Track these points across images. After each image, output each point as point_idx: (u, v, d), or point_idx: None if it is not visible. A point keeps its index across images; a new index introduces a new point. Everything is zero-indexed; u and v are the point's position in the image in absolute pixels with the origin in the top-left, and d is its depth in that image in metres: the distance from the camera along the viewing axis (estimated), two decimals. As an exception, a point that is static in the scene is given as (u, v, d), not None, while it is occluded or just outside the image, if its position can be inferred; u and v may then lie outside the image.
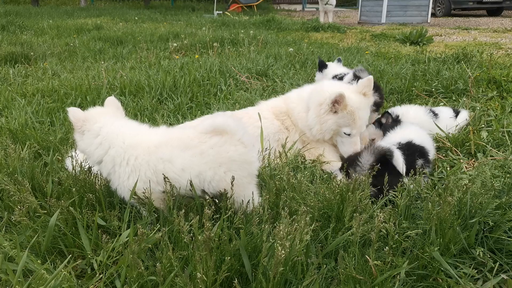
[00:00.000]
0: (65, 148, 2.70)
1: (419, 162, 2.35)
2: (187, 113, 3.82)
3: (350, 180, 2.03)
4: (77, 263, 1.78)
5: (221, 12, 16.63)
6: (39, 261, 1.67)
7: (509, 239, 1.80)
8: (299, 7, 26.07)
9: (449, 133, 3.08)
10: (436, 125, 3.07)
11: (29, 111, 3.64)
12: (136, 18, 14.38)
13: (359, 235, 1.66)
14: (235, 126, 1.89)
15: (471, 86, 4.15)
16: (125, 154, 1.92)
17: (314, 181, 2.34)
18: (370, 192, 2.03)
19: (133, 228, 1.72)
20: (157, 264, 1.51)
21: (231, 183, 1.84)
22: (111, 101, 2.16)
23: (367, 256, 1.60)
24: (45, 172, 2.41)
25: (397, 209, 1.97)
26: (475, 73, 4.56)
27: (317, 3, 15.76)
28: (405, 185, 2.08)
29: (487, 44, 7.97)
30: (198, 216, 1.69)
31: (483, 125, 3.26)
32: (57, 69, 5.74)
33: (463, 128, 3.17)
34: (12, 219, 1.88)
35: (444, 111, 3.26)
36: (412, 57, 6.15)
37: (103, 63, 6.12)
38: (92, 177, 2.18)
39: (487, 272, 1.72)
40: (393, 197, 2.00)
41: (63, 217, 1.89)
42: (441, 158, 2.83)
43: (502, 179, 2.30)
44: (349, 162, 2.35)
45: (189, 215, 1.92)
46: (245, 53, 6.47)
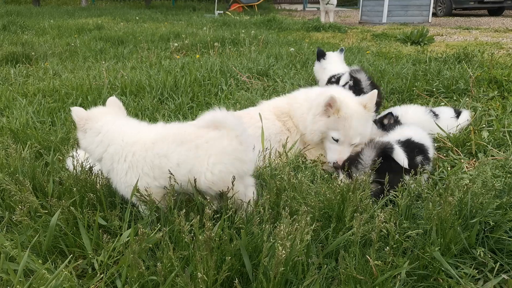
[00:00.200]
0: (66, 148, 2.71)
1: (419, 158, 2.35)
2: (188, 113, 3.82)
3: (351, 179, 2.03)
4: (78, 263, 1.78)
5: (222, 12, 16.62)
6: (40, 261, 1.67)
7: (510, 239, 1.80)
8: (300, 7, 26.05)
9: (450, 133, 3.07)
10: (436, 125, 3.07)
11: (30, 111, 3.64)
12: (137, 18, 14.38)
13: (359, 235, 1.66)
14: (234, 122, 1.89)
15: (472, 86, 4.15)
16: (123, 151, 1.94)
17: (315, 181, 2.33)
18: (371, 191, 2.03)
19: (134, 228, 1.73)
20: (158, 264, 1.51)
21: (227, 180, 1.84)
22: (113, 101, 2.20)
23: (367, 256, 1.60)
24: (46, 172, 2.42)
25: (397, 209, 1.97)
26: (476, 73, 4.55)
27: (318, 3, 15.74)
28: (405, 184, 2.08)
29: (488, 44, 7.96)
30: (198, 216, 1.69)
31: (484, 125, 3.26)
32: (58, 69, 5.74)
33: (464, 128, 3.16)
34: (13, 219, 1.88)
35: (445, 111, 3.25)
36: (413, 57, 6.14)
37: (104, 63, 6.12)
38: (93, 177, 2.19)
39: (487, 272, 1.71)
40: (394, 197, 2.00)
41: (64, 217, 1.89)
42: (442, 158, 2.83)
43: (503, 179, 2.29)
44: (350, 161, 2.35)
45: (190, 215, 1.93)
46: (246, 53, 6.47)
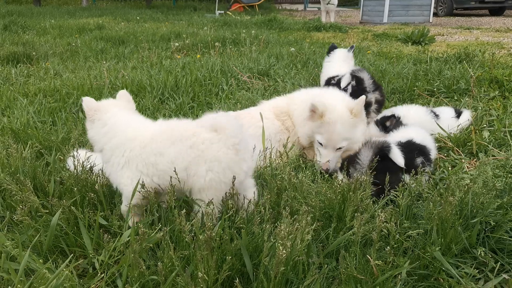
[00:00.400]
0: (66, 147, 2.71)
1: (419, 160, 2.35)
2: (188, 112, 3.82)
3: (351, 179, 2.02)
4: (79, 262, 1.78)
5: (223, 11, 16.61)
6: (41, 260, 1.67)
7: (510, 239, 1.80)
8: (301, 7, 26.02)
9: (451, 133, 3.07)
10: (437, 124, 3.06)
11: (31, 110, 3.64)
12: (138, 17, 14.37)
13: (360, 235, 1.66)
14: (235, 129, 1.86)
15: (473, 86, 4.14)
16: (122, 145, 1.97)
17: (315, 181, 2.33)
18: (371, 191, 2.03)
19: (135, 227, 1.73)
20: (159, 263, 1.51)
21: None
22: (123, 94, 2.22)
23: (368, 256, 1.60)
24: (47, 171, 2.42)
25: (398, 209, 1.97)
26: (477, 72, 4.55)
27: (319, 2, 15.72)
28: (406, 184, 2.08)
29: (489, 43, 7.96)
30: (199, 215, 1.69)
31: (485, 125, 3.26)
32: (59, 69, 5.74)
33: (465, 128, 3.16)
34: (14, 218, 1.88)
35: (445, 111, 3.25)
36: (414, 56, 6.13)
37: (105, 63, 6.12)
38: (93, 177, 2.19)
39: (488, 272, 1.71)
40: (395, 196, 2.00)
41: (65, 216, 1.90)
42: (442, 158, 2.82)
43: (503, 179, 2.29)
44: (348, 160, 2.35)
45: (191, 214, 1.93)
46: (247, 53, 6.47)
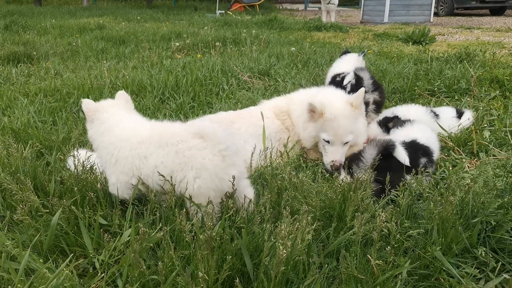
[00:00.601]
0: (67, 147, 2.71)
1: (422, 160, 2.34)
2: (189, 112, 3.82)
3: (352, 178, 2.02)
4: (79, 262, 1.78)
5: (224, 11, 16.60)
6: (41, 260, 1.67)
7: (511, 238, 1.80)
8: (301, 7, 26.02)
9: (452, 132, 3.06)
10: (438, 124, 3.06)
11: (31, 110, 3.64)
12: (138, 17, 14.38)
13: (360, 235, 1.66)
14: (221, 136, 1.85)
15: (474, 85, 4.14)
16: (113, 144, 2.02)
17: (316, 180, 2.33)
18: (372, 190, 2.02)
19: (135, 227, 1.73)
20: (159, 263, 1.51)
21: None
22: (122, 94, 2.29)
23: (369, 255, 1.60)
24: (47, 171, 2.42)
25: (399, 209, 1.96)
26: (478, 72, 4.54)
27: (319, 2, 15.72)
28: (407, 184, 2.07)
29: (490, 43, 7.95)
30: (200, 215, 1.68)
31: (486, 125, 3.25)
32: (59, 69, 5.74)
33: (465, 128, 3.15)
34: (14, 218, 1.88)
35: (446, 111, 3.24)
36: (414, 56, 6.13)
37: (105, 62, 6.12)
38: (94, 176, 2.19)
39: (489, 272, 1.71)
40: (395, 196, 2.00)
41: (65, 216, 1.89)
42: (443, 157, 2.82)
43: (504, 179, 2.29)
44: (351, 158, 2.34)
45: (191, 214, 1.92)
46: (247, 53, 6.46)
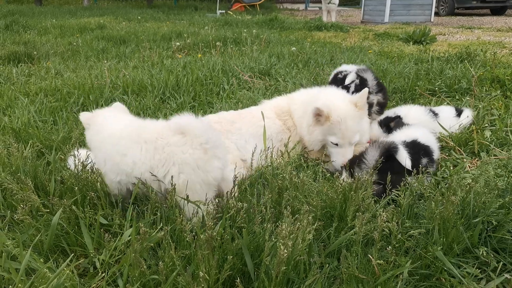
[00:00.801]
0: (67, 147, 2.70)
1: (424, 160, 2.34)
2: (189, 112, 3.81)
3: (353, 179, 2.02)
4: (80, 262, 1.78)
5: (224, 11, 16.60)
6: (41, 259, 1.66)
7: (513, 238, 1.80)
8: (302, 6, 25.99)
9: (452, 132, 3.06)
10: (439, 124, 3.05)
11: (32, 110, 3.64)
12: (139, 17, 14.38)
13: (361, 235, 1.66)
14: (199, 129, 1.88)
15: (475, 85, 4.13)
16: (103, 143, 2.09)
17: (317, 180, 2.33)
18: (373, 191, 2.02)
19: (136, 227, 1.72)
20: (160, 263, 1.51)
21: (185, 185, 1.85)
22: (118, 104, 2.37)
23: (370, 255, 1.59)
24: (48, 171, 2.42)
25: (400, 209, 1.96)
26: (479, 72, 4.54)
27: (320, 2, 15.72)
28: (408, 184, 2.07)
29: (491, 43, 7.94)
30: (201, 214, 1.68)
31: (487, 124, 3.25)
32: (60, 69, 5.74)
33: (466, 127, 3.15)
34: (15, 217, 1.88)
35: (445, 110, 3.24)
36: (415, 56, 6.12)
37: (106, 62, 6.12)
38: (94, 176, 2.19)
39: (490, 271, 1.71)
40: (396, 196, 1.99)
41: (66, 215, 1.89)
42: (444, 157, 2.82)
43: (505, 179, 2.29)
44: (353, 160, 2.34)
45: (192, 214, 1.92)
46: (248, 52, 6.46)
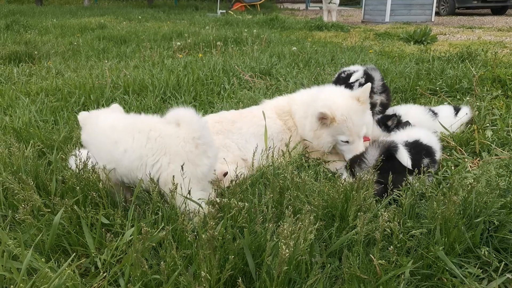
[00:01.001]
0: (68, 146, 2.71)
1: (425, 161, 2.34)
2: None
3: (354, 178, 2.02)
4: (81, 261, 1.78)
5: (225, 11, 16.60)
6: (43, 259, 1.67)
7: (514, 238, 1.79)
8: (302, 6, 25.98)
9: (453, 132, 3.06)
10: (440, 123, 3.05)
11: (33, 110, 3.64)
12: (139, 17, 14.39)
13: (363, 234, 1.66)
14: (195, 123, 1.96)
15: (476, 85, 4.13)
16: (98, 136, 2.15)
17: (318, 180, 2.33)
18: (375, 191, 2.02)
19: (137, 226, 1.72)
20: (161, 262, 1.51)
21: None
22: (115, 106, 2.42)
23: (371, 255, 1.59)
24: (49, 170, 2.42)
25: (401, 208, 1.96)
26: (480, 72, 4.54)
27: (320, 2, 15.73)
28: (409, 184, 2.07)
29: (492, 43, 7.94)
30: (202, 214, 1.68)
31: (488, 124, 3.25)
32: (61, 68, 5.74)
33: (465, 124, 3.15)
34: (16, 217, 1.88)
35: (443, 109, 3.24)
36: (416, 56, 6.12)
37: (106, 62, 6.12)
38: (95, 176, 2.19)
39: (492, 271, 1.71)
40: (398, 196, 1.99)
41: (67, 215, 1.89)
42: (445, 157, 2.81)
43: (507, 178, 2.29)
44: (354, 159, 2.34)
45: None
46: (249, 52, 6.46)
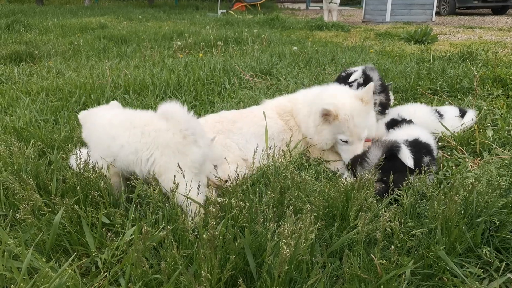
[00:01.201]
0: (69, 146, 2.71)
1: (426, 159, 2.34)
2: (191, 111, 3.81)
3: (356, 178, 2.01)
4: (82, 261, 1.78)
5: (225, 11, 16.60)
6: (43, 259, 1.67)
7: (515, 238, 1.79)
8: (303, 6, 25.98)
9: (454, 132, 3.05)
10: (442, 124, 3.05)
11: (33, 109, 3.64)
12: (140, 17, 14.39)
13: (364, 234, 1.65)
14: (181, 116, 2.06)
15: (476, 84, 4.12)
16: (97, 131, 2.24)
17: (319, 180, 2.33)
18: (376, 191, 2.02)
19: (138, 226, 1.72)
20: (162, 262, 1.51)
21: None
22: (114, 103, 2.52)
23: (372, 255, 1.59)
24: (50, 170, 2.42)
25: (402, 208, 1.96)
26: (480, 71, 4.53)
27: (321, 1, 15.72)
28: (410, 184, 2.06)
29: (492, 42, 7.93)
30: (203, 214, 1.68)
31: (489, 124, 3.24)
32: (61, 68, 5.75)
33: (469, 127, 3.14)
34: (17, 217, 1.88)
35: (449, 110, 3.23)
36: (416, 55, 6.11)
37: (107, 61, 6.12)
38: (96, 175, 2.19)
39: (493, 271, 1.71)
40: (399, 196, 1.99)
41: (68, 215, 1.89)
42: (446, 157, 2.81)
43: (508, 178, 2.28)
44: (356, 159, 2.34)
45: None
46: (249, 52, 6.46)
